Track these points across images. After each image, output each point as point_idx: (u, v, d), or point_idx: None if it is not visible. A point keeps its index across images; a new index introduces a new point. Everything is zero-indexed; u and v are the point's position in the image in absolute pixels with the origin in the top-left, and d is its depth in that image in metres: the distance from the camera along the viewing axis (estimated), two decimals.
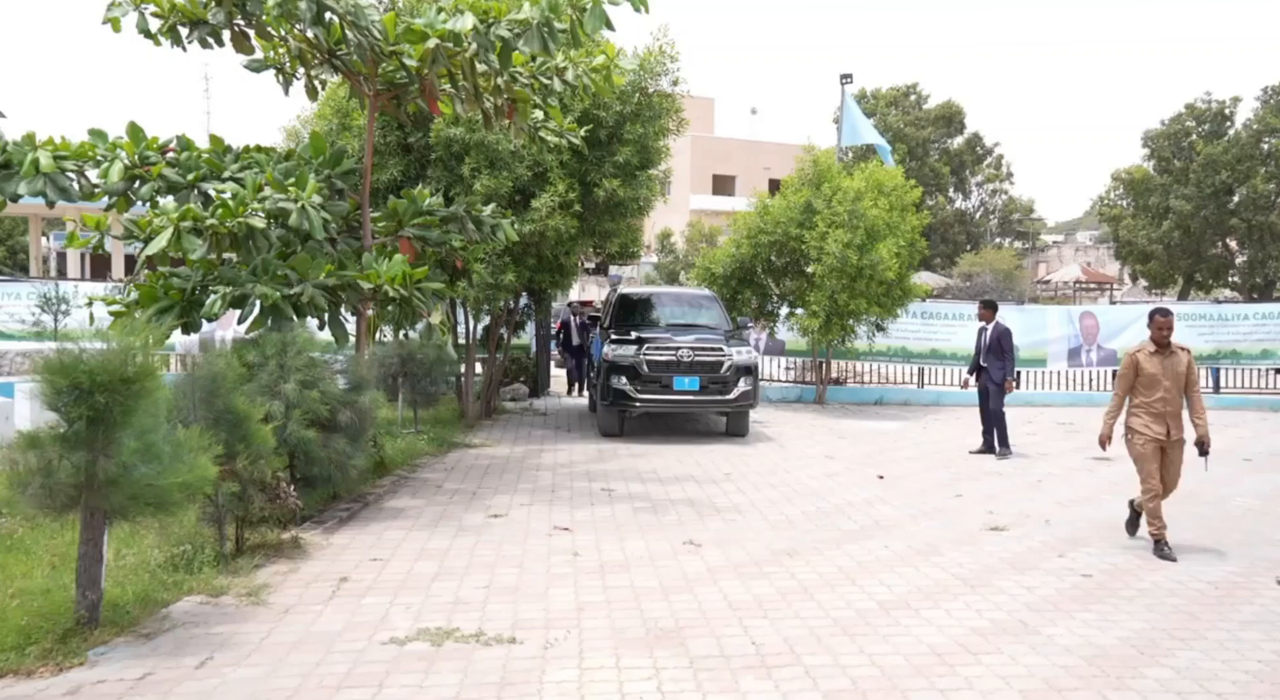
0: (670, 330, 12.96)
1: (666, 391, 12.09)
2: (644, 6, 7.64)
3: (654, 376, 12.06)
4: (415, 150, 12.23)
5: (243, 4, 7.72)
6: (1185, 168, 39.01)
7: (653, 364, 12.07)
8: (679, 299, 14.57)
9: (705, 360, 12.11)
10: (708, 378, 12.07)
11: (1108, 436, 7.58)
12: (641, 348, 12.11)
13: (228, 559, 6.21)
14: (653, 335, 12.58)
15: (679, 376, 12.05)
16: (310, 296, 7.79)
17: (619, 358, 12.14)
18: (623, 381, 12.07)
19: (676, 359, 12.06)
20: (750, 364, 12.38)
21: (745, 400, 12.32)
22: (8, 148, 7.28)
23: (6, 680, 4.34)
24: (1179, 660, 4.95)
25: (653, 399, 12.13)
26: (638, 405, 12.18)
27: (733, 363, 12.15)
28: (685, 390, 12.07)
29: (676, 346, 12.14)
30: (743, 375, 12.20)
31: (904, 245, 15.61)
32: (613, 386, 12.13)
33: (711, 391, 12.11)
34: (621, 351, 12.16)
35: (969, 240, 53.94)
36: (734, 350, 12.25)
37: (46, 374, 4.40)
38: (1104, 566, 6.77)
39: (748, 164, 54.49)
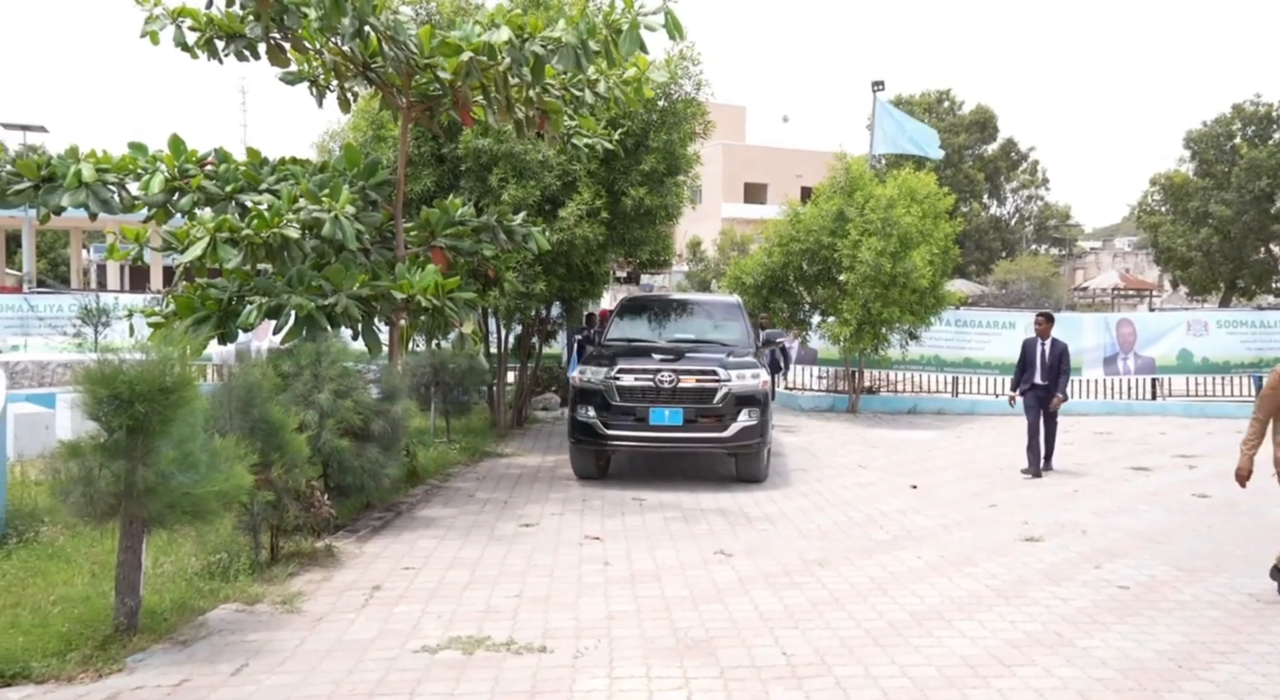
0: (669, 348, 10.61)
1: (641, 426, 9.62)
2: (679, 33, 7.67)
3: (626, 407, 9.64)
4: (448, 161, 12.33)
5: (281, 18, 7.83)
6: (1227, 172, 38.38)
7: (625, 391, 9.65)
8: (693, 309, 12.13)
9: (691, 387, 9.60)
10: (695, 409, 9.60)
11: (1247, 471, 6.35)
12: (613, 369, 9.77)
13: (263, 567, 6.28)
14: (631, 354, 10.26)
15: (656, 407, 9.56)
16: (344, 307, 7.88)
17: (587, 382, 9.86)
18: (589, 412, 9.74)
19: (654, 384, 9.58)
20: (754, 393, 9.76)
21: (747, 439, 9.70)
22: (52, 161, 7.44)
23: (48, 686, 4.42)
24: (1218, 674, 4.87)
25: (624, 436, 9.69)
26: (607, 443, 9.81)
27: (729, 391, 9.60)
28: (664, 426, 9.59)
29: (655, 369, 9.68)
30: (745, 407, 9.67)
31: (937, 253, 15.50)
32: (577, 418, 9.86)
33: (700, 427, 9.63)
34: (590, 374, 9.89)
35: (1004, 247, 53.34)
36: (733, 375, 9.70)
37: (88, 384, 4.49)
38: (1141, 578, 6.67)
39: (779, 172, 54.39)
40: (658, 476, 10.57)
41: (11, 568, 6.00)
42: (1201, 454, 12.66)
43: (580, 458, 10.15)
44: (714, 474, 10.71)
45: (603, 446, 9.90)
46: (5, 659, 4.49)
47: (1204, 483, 10.41)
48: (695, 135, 12.91)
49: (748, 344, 10.89)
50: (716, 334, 11.21)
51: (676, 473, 10.82)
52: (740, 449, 9.81)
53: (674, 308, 12.10)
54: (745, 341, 10.99)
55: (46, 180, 7.35)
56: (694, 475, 10.65)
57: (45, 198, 7.30)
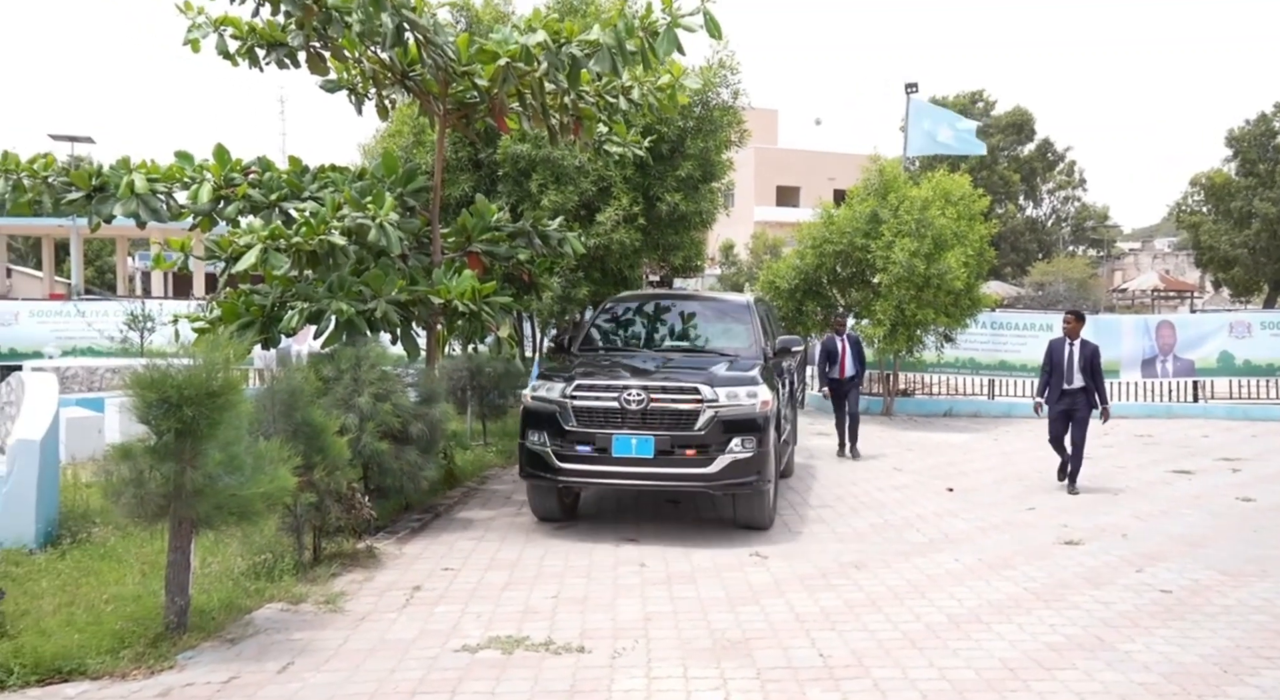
0: (651, 359, 8.69)
1: (602, 458, 7.61)
2: (718, 32, 7.71)
3: (584, 433, 7.67)
4: (485, 166, 12.47)
5: (323, 27, 7.97)
6: (1271, 170, 37.69)
7: (582, 413, 7.70)
8: (692, 311, 9.84)
9: (665, 408, 7.60)
10: (670, 438, 7.54)
11: None
12: (570, 385, 7.84)
13: (306, 568, 6.40)
14: (597, 366, 8.37)
15: (621, 434, 7.56)
16: (384, 312, 8.00)
17: (539, 401, 7.93)
18: (540, 439, 7.78)
19: (619, 405, 7.60)
20: (749, 416, 7.66)
21: (738, 477, 7.58)
22: (104, 171, 7.64)
23: (102, 682, 4.55)
24: (1264, 679, 4.82)
25: (580, 470, 7.71)
26: (560, 479, 7.83)
27: (715, 414, 7.55)
28: (630, 458, 7.56)
29: (620, 386, 7.70)
30: (736, 436, 7.57)
31: (972, 254, 15.40)
32: (526, 446, 7.92)
33: (678, 460, 7.57)
34: (544, 391, 7.95)
35: (1040, 248, 52.79)
36: (720, 393, 7.64)
37: (138, 388, 4.62)
38: (1184, 582, 6.60)
39: (812, 174, 54.17)
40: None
41: (66, 567, 6.16)
42: (1245, 457, 12.47)
43: (535, 495, 8.18)
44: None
45: (556, 482, 7.87)
46: (62, 656, 4.63)
47: (1248, 486, 10.27)
48: (731, 143, 12.94)
49: (755, 353, 8.84)
50: (718, 341, 9.22)
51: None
52: (731, 489, 7.72)
53: (668, 309, 9.87)
54: (753, 350, 8.90)
55: (98, 190, 7.55)
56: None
57: (98, 207, 7.50)
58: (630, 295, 10.71)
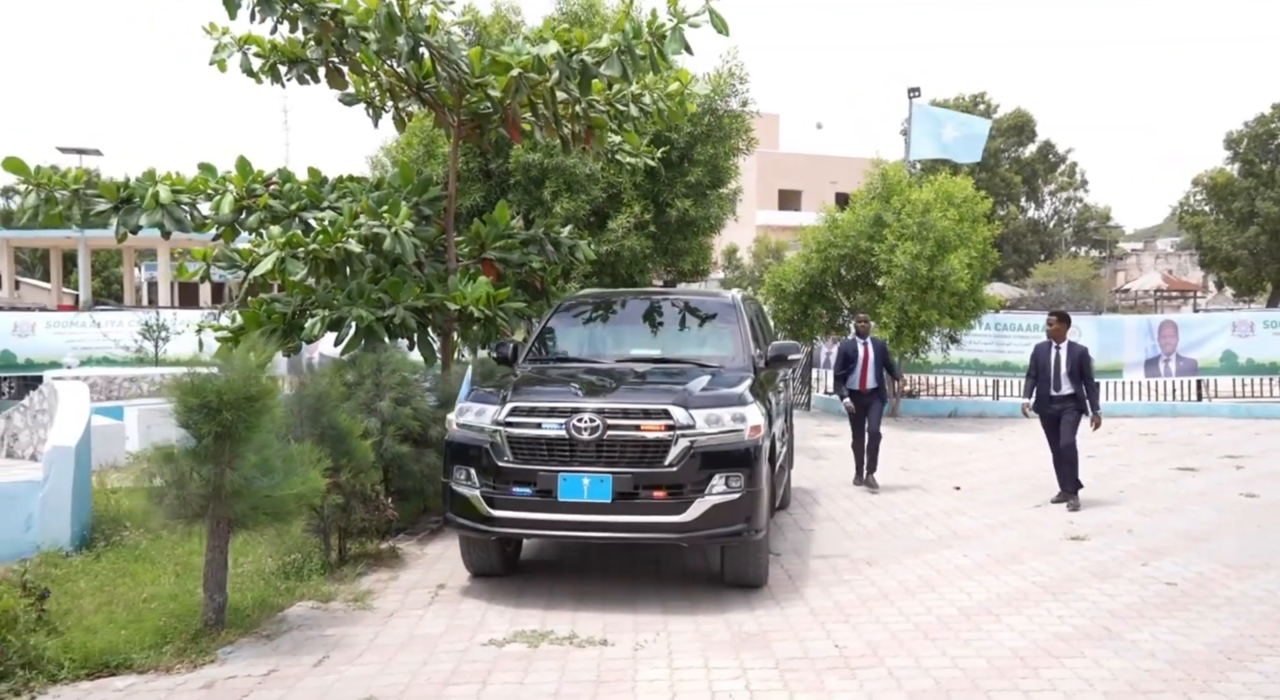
0: (611, 372, 6.97)
1: (545, 503, 6.00)
2: (725, 29, 7.90)
3: (522, 471, 6.07)
4: (496, 176, 12.69)
5: (340, 43, 8.18)
6: (1272, 170, 37.86)
7: (520, 444, 6.12)
8: (666, 312, 8.15)
9: (626, 437, 6.00)
10: (632, 476, 5.95)
11: None
12: (503, 409, 6.21)
13: (333, 567, 6.59)
14: (540, 383, 6.81)
15: (569, 472, 5.97)
16: (402, 318, 8.20)
17: (466, 430, 6.37)
18: (468, 478, 6.21)
19: (566, 434, 6.00)
20: (735, 446, 6.08)
21: (721, 526, 5.99)
22: (130, 184, 7.85)
23: (149, 675, 4.74)
24: (1267, 665, 4.98)
25: (518, 519, 6.09)
26: (493, 529, 6.18)
27: (691, 444, 5.97)
28: (581, 503, 5.94)
29: (568, 408, 6.10)
30: (719, 472, 5.98)
31: (975, 256, 15.59)
32: (452, 488, 6.34)
33: (641, 505, 5.94)
34: (472, 417, 6.37)
35: (1043, 250, 52.96)
36: (698, 416, 6.03)
37: (180, 394, 4.81)
38: (1189, 575, 6.76)
39: (814, 178, 54.39)
40: None
41: (102, 569, 6.35)
42: (1249, 454, 12.62)
43: (467, 548, 6.57)
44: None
45: (489, 533, 6.20)
46: (109, 651, 4.82)
47: (1252, 483, 10.43)
48: (739, 150, 13.16)
49: (743, 363, 7.18)
50: (698, 348, 7.57)
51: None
52: (712, 541, 6.19)
53: (637, 310, 8.18)
54: (740, 359, 7.26)
55: (125, 202, 7.77)
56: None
57: (125, 218, 7.72)
58: (591, 293, 8.95)
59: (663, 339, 7.83)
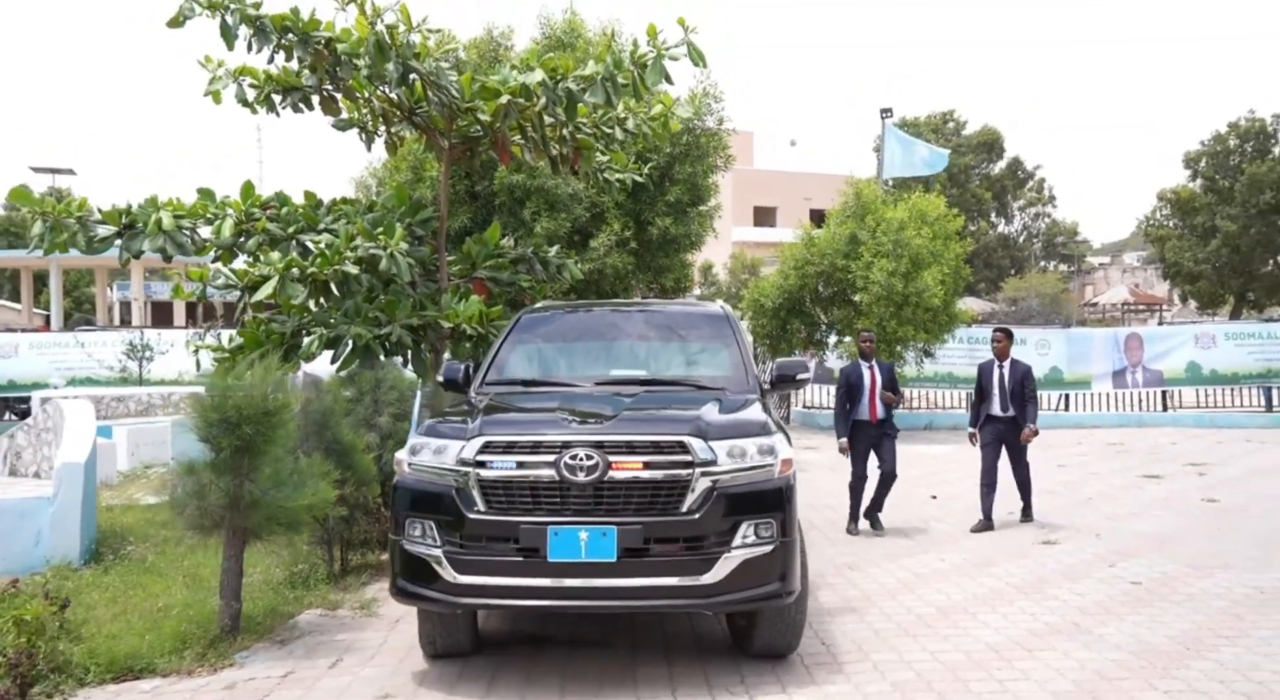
0: (605, 395, 5.69)
1: (533, 565, 4.76)
2: (702, 61, 8.27)
3: (500, 523, 4.82)
4: (482, 197, 12.99)
5: (334, 70, 8.45)
6: (1230, 187, 38.88)
7: (496, 490, 4.86)
8: (648, 326, 6.82)
9: (633, 477, 4.84)
10: (642, 527, 4.78)
11: None
12: (475, 443, 4.91)
13: (337, 577, 6.83)
14: (517, 409, 5.56)
15: (562, 524, 4.75)
16: (399, 336, 8.45)
17: (423, 472, 5.03)
18: (426, 535, 4.90)
19: (557, 475, 4.78)
20: (766, 485, 4.98)
21: (749, 587, 4.86)
22: (132, 210, 8.07)
23: (172, 678, 4.98)
24: (1223, 655, 5.34)
25: (495, 586, 4.80)
26: (460, 601, 4.86)
27: (714, 485, 4.86)
28: (577, 565, 4.74)
29: (560, 441, 4.86)
30: (747, 517, 4.88)
31: (948, 272, 16.04)
32: (403, 547, 4.97)
33: (654, 564, 4.79)
34: (431, 456, 5.02)
35: (1013, 264, 53.95)
36: (719, 449, 4.91)
37: (201, 409, 5.06)
38: (1153, 575, 7.13)
39: (788, 195, 55.07)
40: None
41: (112, 581, 6.56)
42: (1211, 462, 13.10)
43: (426, 624, 5.23)
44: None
45: (454, 605, 4.87)
46: (132, 656, 5.05)
47: (1213, 489, 10.87)
48: (717, 167, 13.55)
49: (747, 385, 6.01)
50: (691, 367, 6.39)
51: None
52: (741, 606, 5.01)
53: (614, 323, 6.96)
54: (741, 379, 6.06)
55: (128, 228, 7.98)
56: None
57: (128, 243, 7.93)
58: (557, 304, 7.69)
59: (647, 358, 6.47)
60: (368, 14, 7.99)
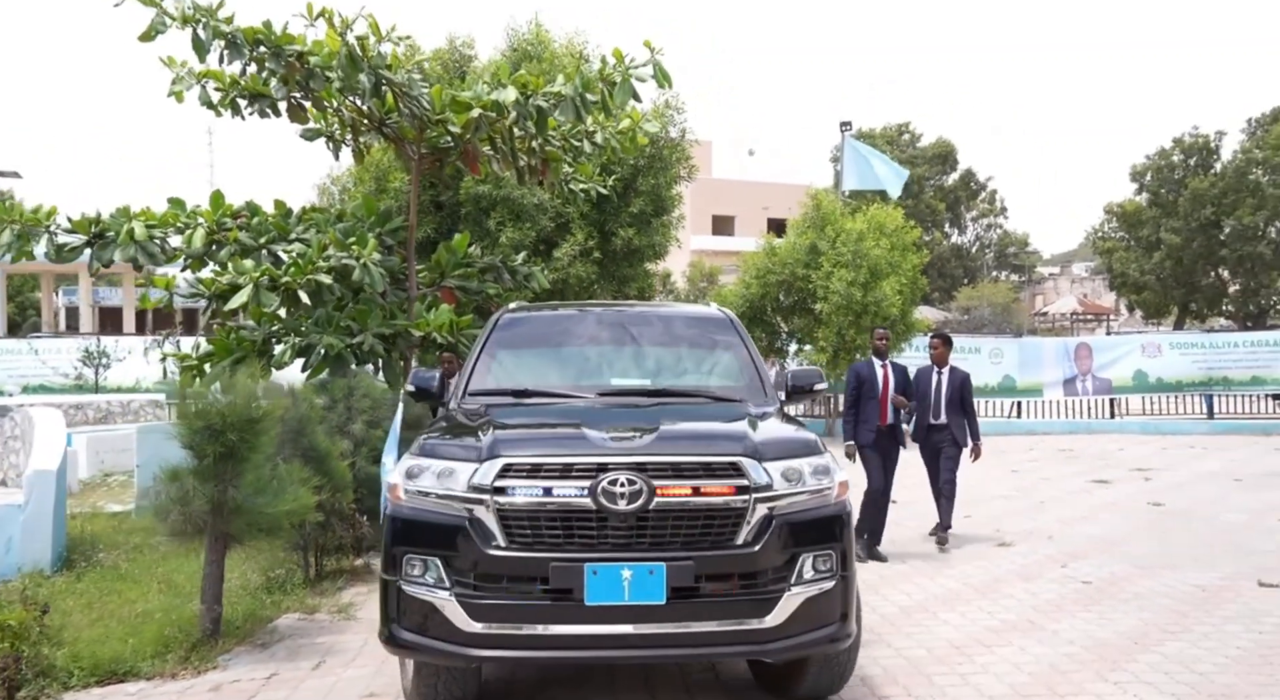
0: (614, 408, 5.07)
1: (567, 609, 3.98)
2: (668, 82, 8.48)
3: (525, 560, 4.02)
4: (447, 207, 13.10)
5: (306, 81, 8.53)
6: (1174, 201, 40.02)
7: (519, 520, 4.05)
8: (647, 329, 6.00)
9: (681, 503, 4.09)
10: (692, 563, 4.03)
11: None
12: (492, 465, 4.12)
13: (312, 582, 6.90)
14: (532, 426, 4.76)
15: (600, 562, 3.98)
16: (370, 345, 8.54)
17: (425, 499, 4.21)
18: (428, 573, 4.12)
19: (592, 502, 4.01)
20: (825, 511, 4.35)
21: (811, 629, 4.19)
22: (102, 219, 8.09)
23: (156, 681, 5.04)
24: (1168, 648, 5.63)
25: (517, 636, 4.03)
26: (474, 654, 4.08)
27: (771, 512, 4.18)
28: (619, 607, 3.97)
29: (594, 464, 4.08)
30: (806, 549, 4.23)
31: (906, 282, 16.43)
32: (403, 589, 4.17)
33: (709, 607, 4.08)
34: (434, 481, 4.21)
35: (966, 274, 54.99)
36: (773, 470, 4.23)
37: (185, 417, 5.14)
38: (1103, 575, 7.45)
39: (746, 204, 55.58)
40: None
41: (85, 588, 6.58)
42: (1157, 467, 13.58)
43: (424, 680, 4.51)
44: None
45: (468, 658, 4.15)
46: (116, 660, 5.11)
47: (1159, 493, 11.29)
48: (680, 178, 13.79)
49: (764, 396, 5.36)
50: (702, 377, 5.72)
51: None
52: (802, 651, 4.29)
53: (606, 328, 5.99)
54: (758, 391, 5.42)
55: (98, 237, 8.00)
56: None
57: (99, 253, 7.95)
58: (538, 306, 6.71)
59: (649, 366, 5.72)
60: (337, 26, 8.07)
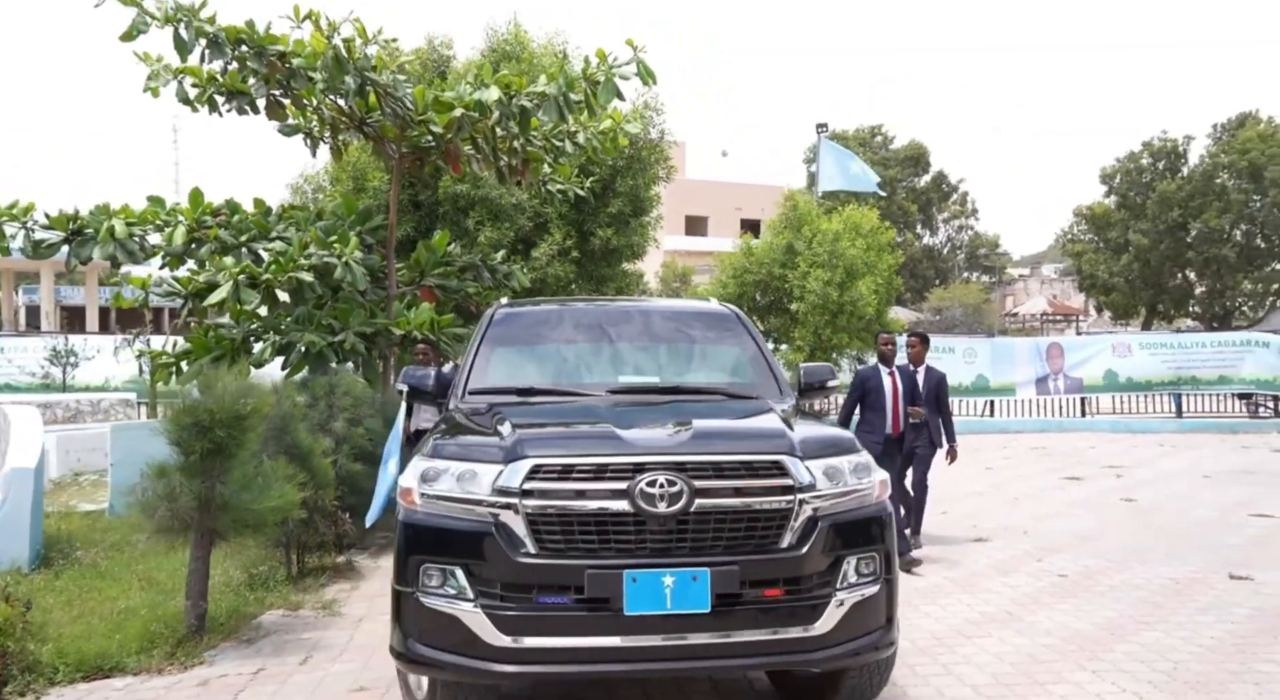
0: (631, 405, 4.82)
1: (605, 620, 3.73)
2: (651, 80, 8.53)
3: (559, 568, 3.76)
4: (425, 206, 13.06)
5: (287, 80, 8.50)
6: (1142, 203, 40.62)
7: (550, 524, 3.79)
8: (653, 324, 5.75)
9: (723, 506, 3.86)
10: (737, 567, 3.81)
11: None
12: (520, 466, 3.83)
13: (295, 579, 6.89)
14: (556, 423, 4.54)
15: (639, 568, 3.72)
16: (352, 343, 8.53)
17: (441, 502, 3.93)
18: (448, 584, 3.83)
19: (630, 506, 3.75)
20: (867, 510, 4.16)
21: (858, 636, 4.00)
22: (80, 216, 8.02)
23: (143, 676, 5.03)
24: (1144, 638, 5.75)
25: (553, 649, 3.74)
26: (503, 670, 3.75)
27: (815, 513, 3.98)
28: (661, 616, 3.72)
29: (631, 464, 3.82)
30: (850, 552, 4.03)
31: (881, 283, 16.57)
32: (420, 602, 3.86)
33: (754, 615, 3.85)
34: (453, 485, 3.92)
35: (938, 275, 55.47)
36: (815, 468, 4.04)
37: (175, 414, 5.13)
38: (1078, 568, 7.58)
39: (720, 204, 55.75)
40: None
41: (65, 585, 6.53)
42: (1128, 465, 13.80)
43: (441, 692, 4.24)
44: None
45: (497, 675, 3.83)
46: (101, 655, 5.09)
47: (1130, 490, 11.48)
48: (659, 179, 13.84)
49: (779, 393, 5.19)
50: (714, 374, 5.55)
51: None
52: (849, 660, 4.08)
53: (608, 324, 5.70)
54: (773, 388, 5.23)
55: (76, 234, 7.93)
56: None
57: (77, 250, 7.89)
58: (534, 301, 6.73)
59: (657, 362, 5.53)
60: (324, 29, 8.05)
